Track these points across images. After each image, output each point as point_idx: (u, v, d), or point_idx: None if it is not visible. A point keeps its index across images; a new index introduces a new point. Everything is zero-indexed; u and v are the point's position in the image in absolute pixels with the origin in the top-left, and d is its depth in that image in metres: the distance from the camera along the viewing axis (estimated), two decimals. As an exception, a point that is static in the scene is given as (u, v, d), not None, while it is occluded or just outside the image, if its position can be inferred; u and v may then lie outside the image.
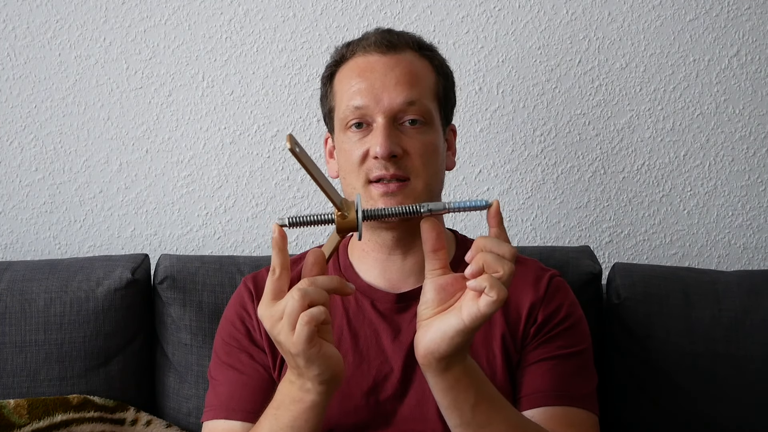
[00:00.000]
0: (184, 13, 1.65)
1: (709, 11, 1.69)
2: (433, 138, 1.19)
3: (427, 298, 0.97)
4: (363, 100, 1.17)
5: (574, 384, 1.17)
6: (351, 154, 1.17)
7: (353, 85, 1.18)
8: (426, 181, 1.17)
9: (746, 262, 1.74)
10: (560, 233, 1.71)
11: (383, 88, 1.16)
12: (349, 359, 1.18)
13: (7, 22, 1.63)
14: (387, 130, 1.15)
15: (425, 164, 1.17)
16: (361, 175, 1.16)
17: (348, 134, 1.19)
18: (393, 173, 1.15)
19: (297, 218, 0.94)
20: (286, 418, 1.00)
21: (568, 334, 1.20)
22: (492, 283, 0.91)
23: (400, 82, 1.17)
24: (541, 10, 1.67)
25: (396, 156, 1.15)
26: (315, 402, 0.98)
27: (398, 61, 1.19)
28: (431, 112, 1.19)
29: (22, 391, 1.43)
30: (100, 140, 1.66)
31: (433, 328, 0.96)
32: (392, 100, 1.16)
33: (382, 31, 1.24)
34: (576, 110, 1.69)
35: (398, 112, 1.16)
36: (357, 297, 1.22)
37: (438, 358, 0.97)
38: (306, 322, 0.91)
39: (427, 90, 1.20)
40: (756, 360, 1.46)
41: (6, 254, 1.66)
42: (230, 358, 1.20)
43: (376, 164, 1.15)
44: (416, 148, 1.16)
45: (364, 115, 1.17)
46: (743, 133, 1.71)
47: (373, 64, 1.19)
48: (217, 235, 1.68)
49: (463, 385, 1.00)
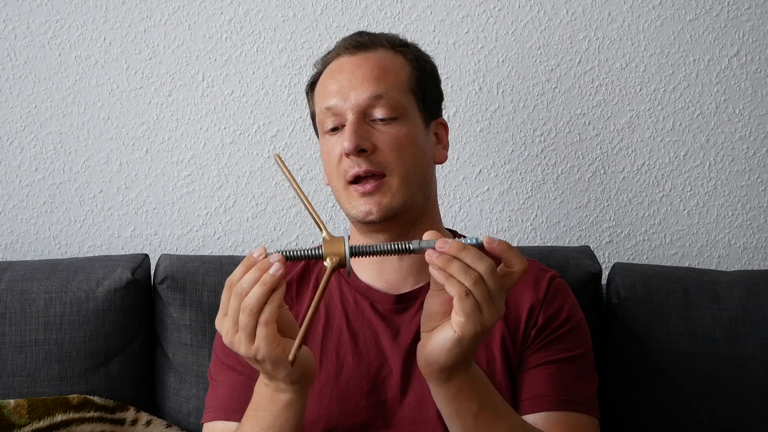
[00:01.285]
0: (184, 13, 1.65)
1: (709, 11, 1.69)
2: (408, 131, 1.18)
3: (432, 310, 0.97)
4: (333, 100, 1.18)
5: (575, 388, 1.17)
6: (330, 156, 1.19)
7: (326, 87, 1.21)
8: (402, 175, 1.16)
9: (746, 262, 1.74)
10: (560, 233, 1.71)
11: (350, 87, 1.18)
12: (349, 360, 1.18)
13: (7, 22, 1.63)
14: (354, 125, 1.16)
15: (399, 157, 1.16)
16: (340, 176, 1.17)
17: (326, 137, 1.21)
18: (366, 169, 1.15)
19: (285, 252, 0.94)
20: (267, 419, 1.01)
21: (569, 337, 1.19)
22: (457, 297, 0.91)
23: (366, 78, 1.18)
24: (541, 10, 1.67)
25: (366, 150, 1.15)
26: (291, 399, 0.99)
27: (366, 58, 1.20)
28: (403, 105, 1.19)
29: (22, 391, 1.43)
30: (100, 140, 1.66)
31: (432, 340, 0.96)
32: (359, 96, 1.17)
33: (353, 34, 1.26)
34: (576, 110, 1.69)
35: (366, 108, 1.17)
36: (356, 298, 1.22)
37: (438, 369, 0.97)
38: (264, 324, 0.91)
39: (398, 83, 1.20)
40: (756, 360, 1.46)
41: (6, 254, 1.66)
42: (229, 358, 1.20)
43: (349, 162, 1.16)
44: (387, 141, 1.16)
45: (336, 114, 1.18)
46: (743, 133, 1.71)
47: (343, 65, 1.21)
48: (217, 235, 1.68)
49: (465, 394, 1.00)
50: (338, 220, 1.68)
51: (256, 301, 0.91)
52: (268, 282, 0.91)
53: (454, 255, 0.91)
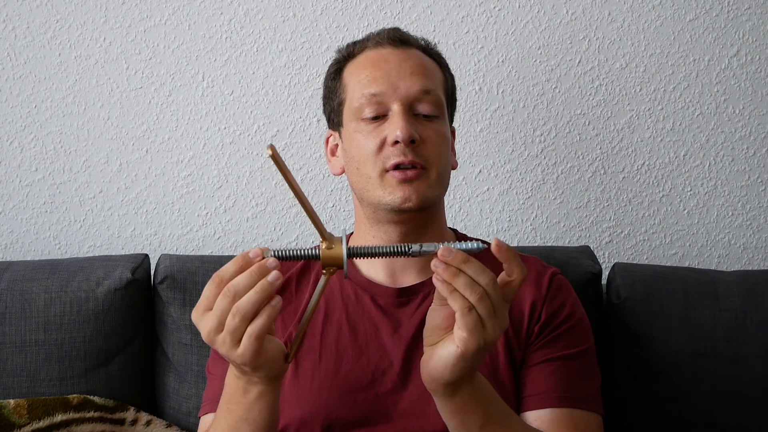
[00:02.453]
0: (184, 13, 1.65)
1: (709, 11, 1.69)
2: (445, 130, 1.22)
3: (435, 325, 0.96)
4: (379, 88, 1.18)
5: (579, 385, 1.17)
6: (366, 144, 1.18)
7: (367, 74, 1.20)
8: (439, 171, 1.18)
9: (746, 262, 1.74)
10: (560, 233, 1.71)
11: (399, 77, 1.18)
12: (349, 353, 1.18)
13: (7, 22, 1.63)
14: (405, 115, 1.17)
15: (440, 154, 1.18)
16: (377, 164, 1.17)
17: (361, 125, 1.19)
18: (411, 159, 1.15)
19: (282, 251, 0.92)
20: (240, 411, 1.00)
21: (572, 334, 1.20)
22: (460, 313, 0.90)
23: (415, 72, 1.19)
24: (541, 10, 1.67)
25: (414, 142, 1.16)
26: (263, 391, 0.98)
27: (410, 54, 1.22)
28: (443, 105, 1.22)
29: (22, 391, 1.43)
30: (100, 140, 1.66)
31: (436, 356, 0.95)
32: (409, 88, 1.18)
33: (392, 29, 1.26)
34: (576, 110, 1.69)
35: (414, 101, 1.18)
36: (356, 291, 1.22)
37: (443, 384, 0.97)
38: (255, 338, 0.89)
39: (439, 83, 1.23)
40: (756, 360, 1.46)
41: (6, 254, 1.66)
42: None
43: (394, 151, 1.16)
44: (432, 137, 1.18)
45: (380, 102, 1.18)
46: (743, 133, 1.71)
47: (387, 55, 1.21)
48: (217, 235, 1.68)
49: (470, 407, 0.99)
50: (338, 220, 1.68)
51: (252, 308, 0.89)
52: (267, 290, 0.89)
53: (457, 266, 0.90)
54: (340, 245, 0.93)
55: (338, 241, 0.93)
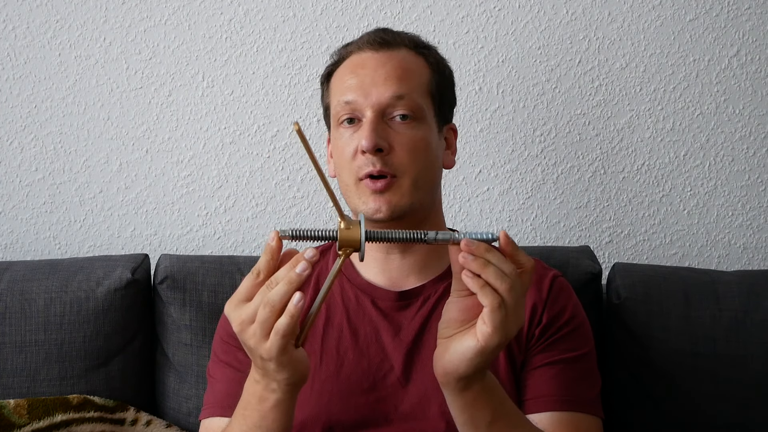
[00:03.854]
0: (184, 13, 1.65)
1: (709, 11, 1.69)
2: (424, 134, 1.19)
3: (449, 317, 0.96)
4: (353, 95, 1.18)
5: (579, 388, 1.17)
6: (343, 150, 1.18)
7: (345, 81, 1.20)
8: (413, 177, 1.16)
9: (746, 262, 1.74)
10: (560, 233, 1.71)
11: (372, 84, 1.17)
12: (350, 356, 1.18)
13: (7, 22, 1.63)
14: (373, 124, 1.16)
15: (413, 160, 1.16)
16: (352, 172, 1.17)
17: (340, 130, 1.20)
18: (379, 169, 1.15)
19: (299, 231, 0.93)
20: (254, 418, 1.00)
21: (572, 337, 1.19)
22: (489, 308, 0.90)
23: (389, 77, 1.18)
24: (541, 10, 1.67)
25: (382, 150, 1.15)
26: (280, 400, 0.98)
27: (390, 57, 1.20)
28: (422, 108, 1.19)
29: (22, 391, 1.43)
30: (100, 140, 1.66)
31: (451, 349, 0.95)
32: (380, 95, 1.17)
33: (377, 30, 1.25)
34: (576, 110, 1.69)
35: (386, 107, 1.17)
36: (357, 294, 1.22)
37: (457, 378, 0.96)
38: (282, 335, 0.90)
39: (419, 85, 1.20)
40: (756, 360, 1.46)
41: (6, 254, 1.66)
42: (228, 356, 1.20)
43: (364, 160, 1.15)
44: (403, 143, 1.16)
45: (354, 110, 1.18)
46: (743, 133, 1.71)
47: (365, 60, 1.20)
48: (217, 235, 1.68)
49: (480, 403, 0.99)
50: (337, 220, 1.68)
51: (279, 300, 0.89)
52: (293, 281, 0.89)
53: (482, 256, 0.90)
54: (358, 227, 0.92)
55: (356, 223, 0.93)
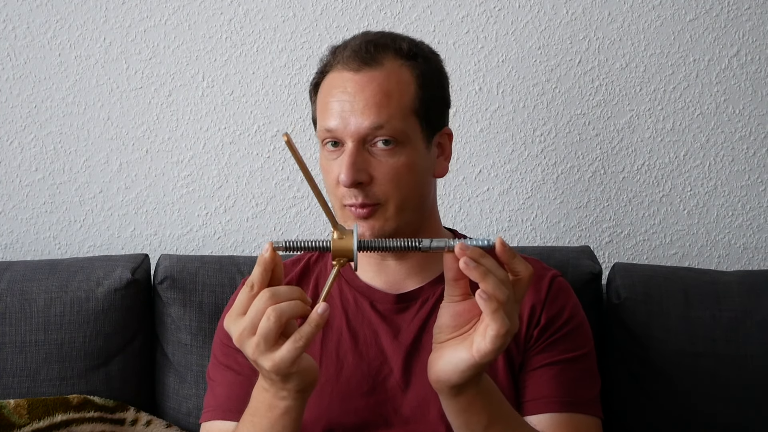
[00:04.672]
0: (184, 13, 1.65)
1: (709, 11, 1.69)
2: (407, 158, 1.15)
3: (442, 323, 0.95)
4: (333, 122, 1.14)
5: (579, 389, 1.17)
6: (328, 175, 1.17)
7: (328, 104, 1.16)
8: (398, 204, 1.14)
9: (746, 262, 1.74)
10: (560, 233, 1.71)
11: (351, 112, 1.13)
12: (349, 359, 1.18)
13: (7, 22, 1.63)
14: (352, 157, 1.12)
15: (396, 187, 1.14)
16: (337, 198, 1.16)
17: (325, 151, 1.18)
18: (362, 202, 1.13)
19: (293, 242, 0.93)
20: (264, 425, 1.00)
21: (572, 337, 1.19)
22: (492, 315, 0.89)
23: (368, 104, 1.13)
24: (541, 10, 1.67)
25: (363, 183, 1.13)
26: (290, 407, 0.98)
27: (371, 79, 1.14)
28: (404, 131, 1.14)
29: (22, 391, 1.43)
30: (100, 140, 1.66)
31: (445, 359, 0.95)
32: (359, 125, 1.13)
33: (362, 41, 1.18)
34: (576, 110, 1.69)
35: (366, 136, 1.13)
36: (356, 297, 1.22)
37: (450, 386, 0.96)
38: (301, 345, 0.89)
39: (401, 109, 1.14)
40: (756, 360, 1.46)
41: (6, 254, 1.66)
42: (227, 358, 1.20)
43: (345, 192, 1.14)
44: (384, 173, 1.13)
45: (335, 137, 1.15)
46: (743, 133, 1.71)
47: (346, 83, 1.15)
48: (217, 235, 1.68)
49: (476, 407, 0.99)
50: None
51: (291, 313, 0.89)
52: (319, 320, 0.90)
53: (476, 260, 0.90)
54: (351, 237, 0.92)
55: (349, 233, 0.93)
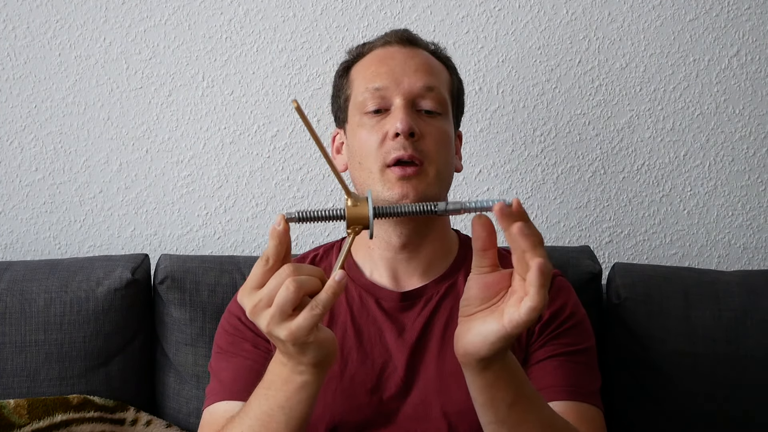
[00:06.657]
0: (184, 13, 1.65)
1: (709, 11, 1.69)
2: (448, 128, 1.22)
3: (471, 295, 0.92)
4: (383, 82, 1.19)
5: (583, 380, 1.17)
6: (368, 138, 1.18)
7: (373, 70, 1.22)
8: (438, 168, 1.18)
9: (746, 262, 1.74)
10: (560, 233, 1.71)
11: (403, 72, 1.20)
12: (353, 356, 1.18)
13: (7, 22, 1.63)
14: (406, 109, 1.18)
15: (439, 151, 1.18)
16: (379, 159, 1.16)
17: (364, 119, 1.20)
18: (411, 153, 1.15)
19: (306, 213, 0.90)
20: (278, 399, 0.97)
21: (574, 332, 1.20)
22: (540, 289, 0.86)
23: (419, 69, 1.21)
24: (541, 10, 1.67)
25: (414, 135, 1.16)
26: (307, 382, 0.95)
27: (417, 53, 1.24)
28: (447, 104, 1.22)
29: (22, 391, 1.43)
30: (100, 140, 1.66)
31: (474, 331, 0.92)
32: (412, 84, 1.19)
33: (401, 29, 1.28)
34: (576, 110, 1.69)
35: (417, 96, 1.19)
36: (361, 294, 1.22)
37: (477, 359, 0.94)
38: (318, 313, 0.87)
39: (445, 83, 1.24)
40: (756, 360, 1.46)
41: (6, 254, 1.66)
42: (234, 347, 1.20)
43: (394, 144, 1.16)
44: (432, 133, 1.18)
45: (383, 96, 1.19)
46: (743, 133, 1.71)
47: (393, 53, 1.23)
48: (217, 235, 1.68)
49: (501, 383, 0.97)
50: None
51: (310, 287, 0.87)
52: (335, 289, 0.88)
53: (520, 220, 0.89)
54: (366, 204, 0.90)
55: (363, 200, 0.91)
